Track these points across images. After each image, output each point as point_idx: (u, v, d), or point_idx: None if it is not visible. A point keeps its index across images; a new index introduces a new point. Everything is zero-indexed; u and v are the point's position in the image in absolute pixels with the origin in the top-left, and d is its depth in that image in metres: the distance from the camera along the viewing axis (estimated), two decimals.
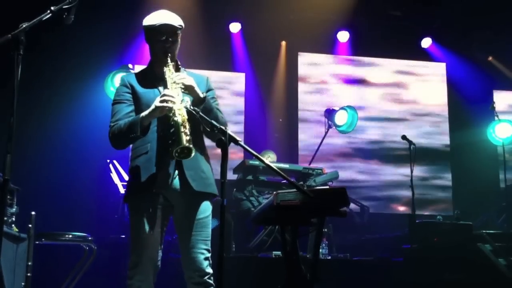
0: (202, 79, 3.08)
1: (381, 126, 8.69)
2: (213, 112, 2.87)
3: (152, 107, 2.76)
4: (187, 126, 2.68)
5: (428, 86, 8.97)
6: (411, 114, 8.84)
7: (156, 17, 2.96)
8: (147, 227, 2.83)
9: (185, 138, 2.63)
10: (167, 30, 2.92)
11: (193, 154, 2.66)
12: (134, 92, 2.96)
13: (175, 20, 2.96)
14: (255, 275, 4.95)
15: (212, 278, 2.85)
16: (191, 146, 2.63)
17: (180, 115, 2.70)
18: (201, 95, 2.85)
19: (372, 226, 7.46)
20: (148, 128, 2.81)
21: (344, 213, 2.82)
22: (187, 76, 2.88)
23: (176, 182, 2.85)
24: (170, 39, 2.92)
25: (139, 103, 2.90)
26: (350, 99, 8.41)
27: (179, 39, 3.00)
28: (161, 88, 2.89)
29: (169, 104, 2.70)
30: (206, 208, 2.91)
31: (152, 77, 2.97)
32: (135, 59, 7.58)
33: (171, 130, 2.75)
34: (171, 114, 2.72)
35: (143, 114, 2.78)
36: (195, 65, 6.84)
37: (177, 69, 3.01)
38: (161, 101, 2.72)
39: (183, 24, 2.99)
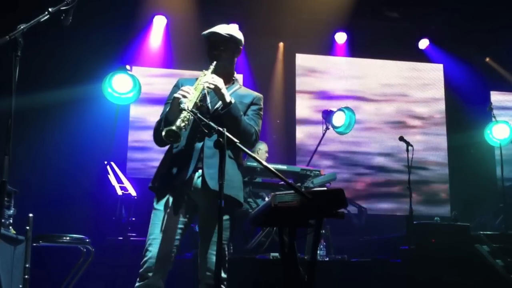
0: (250, 94, 3.13)
1: (379, 127, 8.70)
2: (238, 121, 2.90)
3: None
4: (187, 117, 2.67)
5: (426, 88, 8.99)
6: (408, 115, 8.85)
7: (211, 28, 3.07)
8: (162, 222, 2.85)
9: (178, 123, 2.63)
10: (214, 38, 3.03)
11: (180, 140, 2.65)
12: None
13: (224, 29, 3.05)
14: (252, 277, 4.94)
15: (225, 282, 2.84)
16: (177, 130, 2.62)
17: (186, 104, 2.69)
18: (227, 99, 2.89)
19: (370, 228, 7.46)
20: (171, 123, 2.81)
21: (342, 214, 2.81)
22: (216, 78, 2.92)
23: (198, 180, 2.87)
24: (221, 47, 3.02)
25: None
26: (348, 100, 8.42)
27: (232, 49, 3.07)
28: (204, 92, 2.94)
29: (180, 96, 2.74)
30: (226, 211, 2.85)
31: None
32: (133, 60, 7.58)
33: (199, 129, 2.72)
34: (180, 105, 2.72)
35: (167, 109, 2.90)
36: (193, 66, 6.85)
37: (228, 81, 3.08)
38: (177, 94, 2.80)
39: (234, 34, 3.06)
